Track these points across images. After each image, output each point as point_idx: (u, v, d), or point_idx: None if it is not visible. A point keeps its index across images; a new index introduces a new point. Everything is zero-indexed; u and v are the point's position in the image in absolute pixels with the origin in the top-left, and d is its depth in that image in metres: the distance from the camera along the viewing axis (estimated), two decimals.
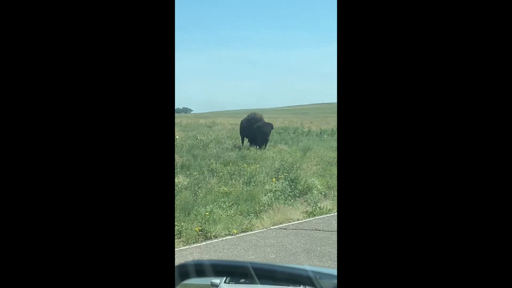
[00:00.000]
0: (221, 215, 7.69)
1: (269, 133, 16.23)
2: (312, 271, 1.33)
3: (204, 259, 1.48)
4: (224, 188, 9.62)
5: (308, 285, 1.31)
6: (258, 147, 15.72)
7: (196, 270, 1.44)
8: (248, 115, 17.26)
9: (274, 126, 17.32)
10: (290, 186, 9.72)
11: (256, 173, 11.04)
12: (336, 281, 1.28)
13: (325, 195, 9.77)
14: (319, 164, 13.05)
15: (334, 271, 1.34)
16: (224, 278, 6.44)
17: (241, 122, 17.49)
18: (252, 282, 5.19)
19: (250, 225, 7.55)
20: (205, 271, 1.42)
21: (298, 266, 1.43)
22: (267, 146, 16.05)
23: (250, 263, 1.52)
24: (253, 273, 1.40)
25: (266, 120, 16.72)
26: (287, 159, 12.99)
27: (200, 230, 7.06)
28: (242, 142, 17.12)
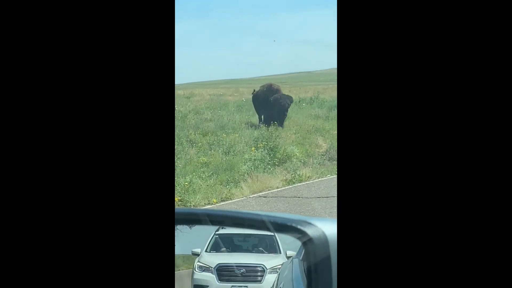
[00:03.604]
0: (201, 185, 7.69)
1: (288, 107, 13.89)
2: (266, 215, 1.35)
3: None
4: (203, 158, 9.61)
5: (263, 229, 1.34)
6: (274, 124, 13.20)
7: None
8: (262, 86, 14.91)
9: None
10: (269, 154, 9.74)
11: (235, 143, 11.03)
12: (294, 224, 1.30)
13: (304, 163, 9.83)
14: (298, 133, 13.08)
15: (288, 215, 1.37)
16: (205, 247, 6.51)
17: (253, 95, 15.17)
18: (228, 249, 5.19)
19: (229, 194, 7.57)
20: None
21: (252, 212, 1.48)
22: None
23: (206, 210, 1.55)
24: (207, 219, 1.42)
25: (244, 90, 16.01)
26: (266, 128, 12.99)
27: (179, 200, 7.06)
28: (260, 119, 14.54)
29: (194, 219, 1.51)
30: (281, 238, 5.71)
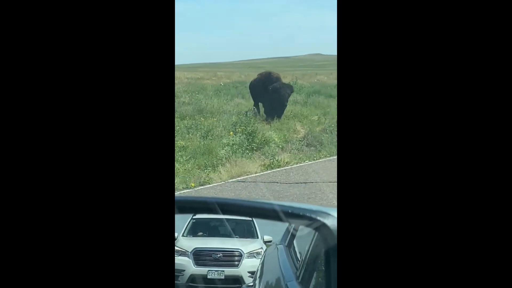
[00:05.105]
0: (179, 169, 7.64)
1: (288, 97, 12.97)
2: (278, 205, 1.33)
3: None
4: (181, 142, 9.53)
5: (275, 219, 1.33)
6: (274, 117, 12.67)
7: None
8: (260, 74, 14.16)
9: (231, 80, 16.40)
10: (248, 139, 9.72)
11: (213, 127, 10.98)
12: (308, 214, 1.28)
13: (282, 148, 9.84)
14: (276, 118, 13.07)
15: (300, 205, 1.36)
16: (182, 232, 6.41)
17: (251, 83, 14.41)
18: (205, 234, 5.18)
19: (208, 179, 7.54)
20: None
21: (264, 201, 1.45)
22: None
23: (215, 199, 1.50)
24: (218, 208, 1.39)
25: (222, 74, 15.74)
26: (244, 113, 12.95)
27: None
28: (258, 109, 13.73)
29: (204, 207, 1.47)
30: (258, 223, 5.72)
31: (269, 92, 12.61)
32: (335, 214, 1.27)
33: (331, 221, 1.25)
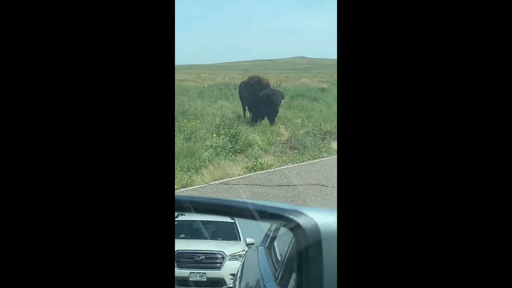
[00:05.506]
0: None
1: (280, 104, 12.92)
2: (251, 203, 1.34)
3: None
4: None
5: (248, 218, 1.33)
6: (264, 121, 12.66)
7: None
8: (249, 78, 14.02)
9: (215, 82, 16.33)
10: (231, 142, 9.71)
11: (197, 129, 10.95)
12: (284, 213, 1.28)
13: (265, 151, 9.85)
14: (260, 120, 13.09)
15: (274, 204, 1.36)
16: None
17: (239, 86, 14.49)
18: (187, 236, 5.14)
19: (190, 181, 7.51)
20: None
21: (238, 200, 1.44)
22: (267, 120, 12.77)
23: (188, 197, 1.50)
24: (191, 207, 1.39)
25: (206, 76, 15.71)
26: (228, 115, 12.94)
27: None
28: (244, 111, 13.95)
29: (179, 206, 1.46)
30: (241, 225, 5.72)
31: (260, 98, 12.52)
32: (308, 212, 1.27)
33: (303, 220, 1.25)
